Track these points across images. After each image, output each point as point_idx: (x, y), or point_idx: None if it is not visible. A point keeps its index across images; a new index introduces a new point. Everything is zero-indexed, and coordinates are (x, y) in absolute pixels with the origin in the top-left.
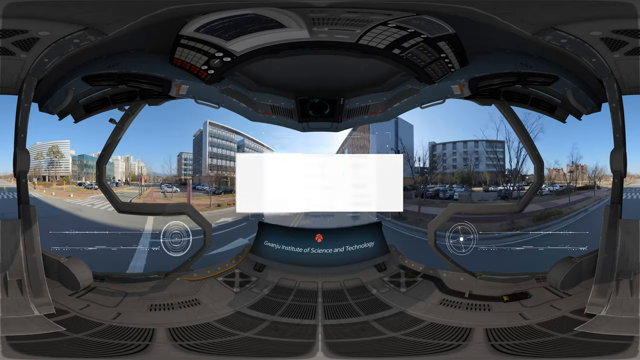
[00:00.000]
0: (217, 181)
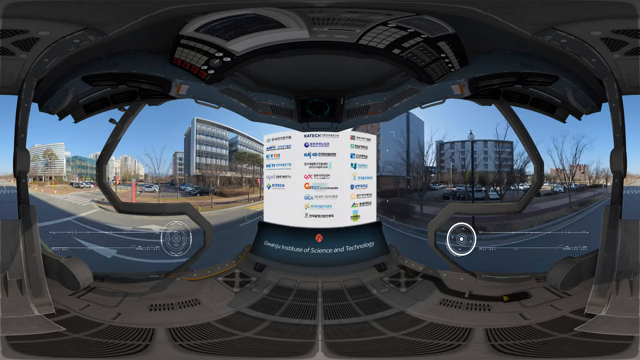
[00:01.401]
0: (204, 181)
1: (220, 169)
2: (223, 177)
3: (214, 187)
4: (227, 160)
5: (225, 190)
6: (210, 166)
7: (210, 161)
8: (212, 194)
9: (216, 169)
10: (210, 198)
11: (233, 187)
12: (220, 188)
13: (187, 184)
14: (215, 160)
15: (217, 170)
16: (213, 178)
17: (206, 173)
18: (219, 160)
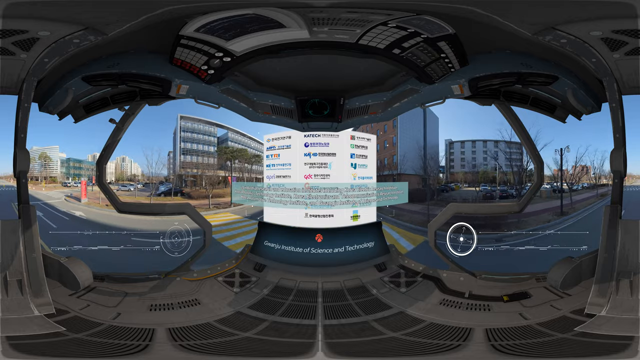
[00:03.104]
0: (183, 180)
1: (208, 168)
2: (211, 176)
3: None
4: (215, 158)
5: (194, 192)
6: (198, 165)
7: (197, 159)
8: (173, 196)
9: (203, 168)
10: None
11: (209, 188)
12: (193, 189)
13: (165, 183)
14: (202, 159)
15: (203, 168)
16: (198, 177)
17: (187, 172)
18: (207, 158)
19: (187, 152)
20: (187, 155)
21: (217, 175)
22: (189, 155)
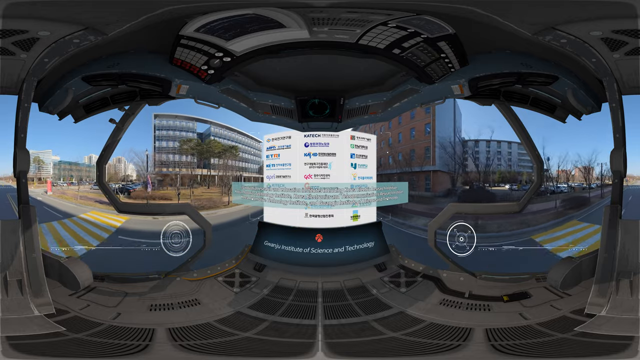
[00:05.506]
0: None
1: (186, 166)
2: (189, 175)
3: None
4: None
5: (140, 193)
6: (177, 163)
7: (173, 158)
8: (128, 195)
9: (179, 166)
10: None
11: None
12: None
13: (137, 183)
14: (179, 157)
15: (180, 167)
16: (173, 176)
17: (159, 172)
18: (185, 156)
19: (164, 151)
20: (162, 154)
21: (194, 174)
22: (164, 154)
